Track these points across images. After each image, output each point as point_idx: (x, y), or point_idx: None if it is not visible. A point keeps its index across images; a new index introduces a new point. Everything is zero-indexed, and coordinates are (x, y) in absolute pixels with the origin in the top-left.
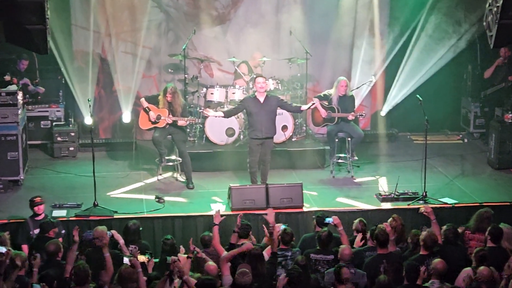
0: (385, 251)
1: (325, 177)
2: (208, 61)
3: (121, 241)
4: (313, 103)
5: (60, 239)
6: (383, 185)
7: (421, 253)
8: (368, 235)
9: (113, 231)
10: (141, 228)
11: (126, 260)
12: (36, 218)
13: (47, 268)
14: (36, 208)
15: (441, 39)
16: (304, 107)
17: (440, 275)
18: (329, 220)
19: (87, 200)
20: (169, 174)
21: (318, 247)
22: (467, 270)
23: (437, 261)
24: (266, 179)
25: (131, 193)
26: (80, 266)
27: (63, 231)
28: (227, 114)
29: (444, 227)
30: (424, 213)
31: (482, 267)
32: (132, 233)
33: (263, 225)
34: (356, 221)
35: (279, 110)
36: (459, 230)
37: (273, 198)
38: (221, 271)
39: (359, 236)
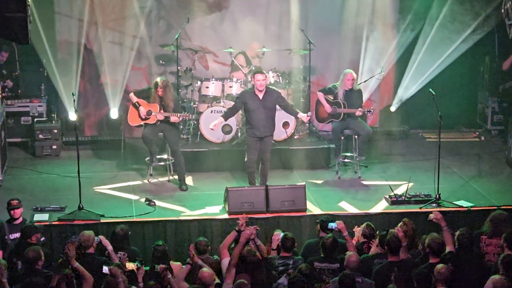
0: (396, 258)
1: (330, 178)
2: (203, 52)
3: (110, 247)
4: (308, 115)
5: None
6: (393, 187)
7: (430, 261)
8: (376, 240)
9: (101, 237)
10: (130, 233)
11: (105, 269)
12: (14, 223)
13: (27, 277)
14: (12, 212)
15: (456, 28)
16: (301, 115)
17: (447, 282)
18: (332, 225)
19: (71, 203)
20: (160, 175)
21: (322, 255)
22: (496, 278)
23: (440, 267)
24: (266, 180)
25: (119, 196)
26: (65, 275)
27: (42, 239)
28: (226, 117)
29: (458, 232)
30: (434, 220)
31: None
32: (120, 239)
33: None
34: (363, 225)
35: None
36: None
37: (273, 201)
38: (223, 275)
39: (357, 231)
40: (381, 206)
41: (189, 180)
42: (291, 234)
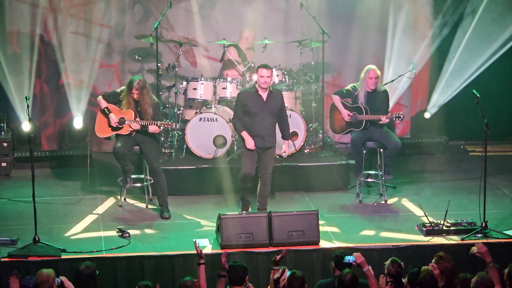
0: None
1: (349, 202)
2: (190, 45)
3: None
4: (284, 153)
5: None
6: (428, 213)
7: None
8: (405, 280)
9: (63, 278)
10: (97, 272)
11: None
12: None
13: None
14: None
15: (507, 12)
16: (286, 146)
17: None
18: (349, 259)
19: (24, 235)
20: (136, 198)
21: None
22: None
23: None
24: (266, 203)
25: (84, 225)
26: None
27: None
28: (242, 128)
29: (508, 269)
30: (477, 254)
31: None
32: (86, 280)
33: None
34: (388, 261)
35: (287, 112)
36: None
37: (278, 231)
38: None
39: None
40: (413, 237)
41: (172, 206)
42: (300, 272)
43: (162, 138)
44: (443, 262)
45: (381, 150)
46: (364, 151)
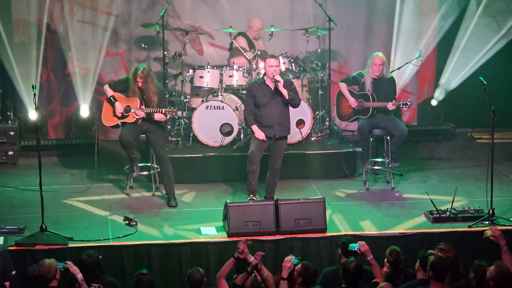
0: (439, 287)
1: (356, 189)
2: (196, 33)
3: (79, 275)
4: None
5: None
6: (435, 201)
7: None
8: (417, 264)
9: (69, 262)
10: (100, 256)
11: None
12: None
13: None
14: None
15: None
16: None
17: None
18: (354, 246)
19: (32, 223)
20: (143, 187)
21: (344, 285)
22: None
23: None
24: (274, 192)
25: (91, 213)
26: None
27: None
28: (252, 122)
29: None
30: (491, 237)
31: None
32: (90, 268)
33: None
34: (388, 250)
35: None
36: None
37: (285, 219)
38: None
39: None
40: (420, 225)
41: (179, 194)
42: (311, 264)
43: (169, 126)
44: (445, 254)
45: (388, 137)
46: (371, 139)
